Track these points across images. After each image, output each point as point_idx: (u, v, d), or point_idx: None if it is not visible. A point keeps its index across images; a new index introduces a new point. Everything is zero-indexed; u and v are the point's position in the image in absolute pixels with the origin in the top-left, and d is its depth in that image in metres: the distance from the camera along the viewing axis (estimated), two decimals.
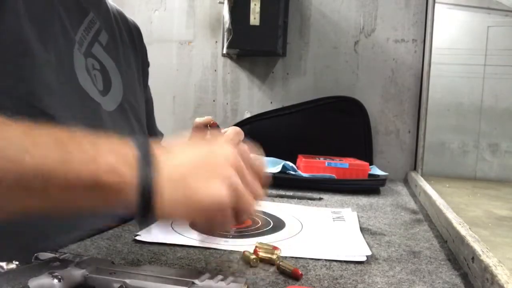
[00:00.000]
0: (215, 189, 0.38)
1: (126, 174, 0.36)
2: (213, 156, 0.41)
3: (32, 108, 0.52)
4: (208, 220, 0.40)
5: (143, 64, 0.84)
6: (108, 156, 0.37)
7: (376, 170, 1.15)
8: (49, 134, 0.36)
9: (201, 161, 0.40)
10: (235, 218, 0.40)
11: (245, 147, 0.48)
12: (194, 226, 0.51)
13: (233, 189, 0.39)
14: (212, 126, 0.62)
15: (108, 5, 0.74)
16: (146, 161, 0.38)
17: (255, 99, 1.41)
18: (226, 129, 0.59)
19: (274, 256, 0.49)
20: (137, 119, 0.75)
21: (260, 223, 0.67)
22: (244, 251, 0.51)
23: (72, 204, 0.38)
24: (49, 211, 0.37)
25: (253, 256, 0.49)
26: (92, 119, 0.62)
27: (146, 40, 0.84)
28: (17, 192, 0.35)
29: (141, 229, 0.55)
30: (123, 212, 0.40)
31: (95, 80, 0.65)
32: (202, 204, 0.38)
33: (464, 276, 0.49)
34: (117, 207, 0.38)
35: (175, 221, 0.43)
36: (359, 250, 0.54)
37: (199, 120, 0.72)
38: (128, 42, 0.78)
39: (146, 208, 0.37)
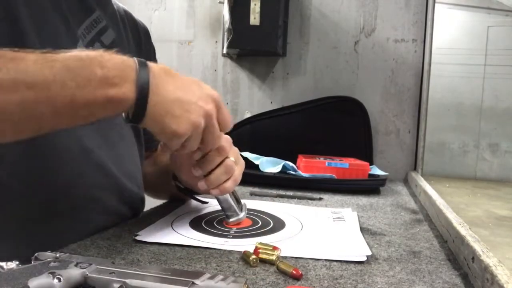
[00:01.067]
0: (181, 127, 0.49)
1: (127, 88, 0.46)
2: (198, 94, 0.53)
3: None
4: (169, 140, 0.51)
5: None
6: (114, 75, 0.46)
7: (376, 170, 1.15)
8: (62, 62, 0.44)
9: (186, 96, 0.51)
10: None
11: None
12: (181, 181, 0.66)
13: (195, 129, 0.51)
14: None
15: (115, 5, 0.74)
16: (143, 78, 0.47)
17: (255, 99, 1.41)
18: None
19: (274, 256, 0.49)
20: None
21: (260, 223, 0.67)
22: (244, 251, 0.51)
23: (89, 119, 0.47)
24: (74, 125, 0.49)
25: (253, 256, 0.49)
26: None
27: None
28: (48, 114, 0.44)
29: (127, 122, 0.53)
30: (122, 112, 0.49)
31: None
32: (169, 131, 0.49)
33: (464, 276, 0.49)
34: (120, 112, 0.48)
35: (156, 132, 0.51)
36: (359, 250, 0.54)
37: None
38: (133, 44, 0.78)
39: (138, 115, 0.48)
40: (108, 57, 0.47)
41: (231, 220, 0.64)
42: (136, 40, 0.79)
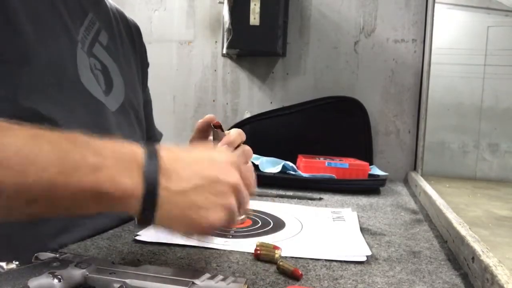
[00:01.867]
0: (214, 218, 0.40)
1: (128, 184, 0.37)
2: (217, 168, 0.42)
3: (32, 113, 0.52)
4: (201, 235, 0.46)
5: (142, 64, 0.84)
6: (111, 165, 0.37)
7: (376, 170, 1.15)
8: (51, 142, 0.36)
9: (205, 176, 0.41)
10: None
11: (247, 148, 0.49)
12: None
13: (230, 213, 0.41)
14: (215, 126, 0.61)
15: (108, 4, 0.74)
16: (153, 171, 0.38)
17: (255, 99, 1.41)
18: (228, 131, 0.59)
19: (275, 256, 0.49)
20: (138, 120, 0.75)
21: (260, 223, 0.67)
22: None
23: (76, 211, 0.39)
24: (53, 216, 0.39)
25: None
26: (96, 119, 0.62)
27: (146, 40, 0.84)
28: (21, 201, 0.36)
29: (138, 230, 0.56)
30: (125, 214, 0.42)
31: (98, 79, 0.65)
32: (200, 227, 0.40)
33: (464, 276, 0.49)
34: (120, 212, 0.39)
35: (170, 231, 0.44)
36: (359, 250, 0.54)
37: (201, 121, 0.69)
38: (128, 42, 0.77)
39: (147, 217, 0.38)
40: (109, 145, 0.39)
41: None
42: (130, 38, 0.79)
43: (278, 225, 0.66)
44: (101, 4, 0.71)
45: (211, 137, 0.61)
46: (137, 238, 0.56)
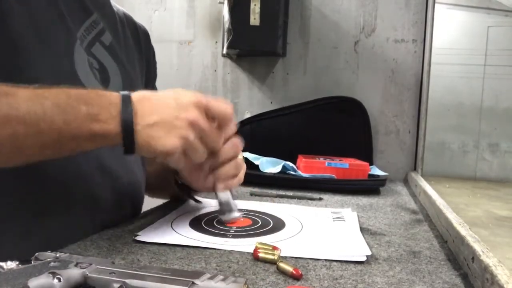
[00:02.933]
0: (170, 144, 0.51)
1: (111, 126, 0.49)
2: (179, 106, 0.53)
3: None
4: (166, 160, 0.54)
5: (149, 65, 0.85)
6: (98, 112, 0.49)
7: (376, 170, 1.15)
8: (50, 98, 0.47)
9: (167, 112, 0.52)
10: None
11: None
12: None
13: (186, 143, 0.52)
14: None
15: (114, 8, 0.75)
16: (127, 110, 0.50)
17: (255, 99, 1.41)
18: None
19: (274, 256, 0.49)
20: None
21: (260, 223, 0.67)
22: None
23: (77, 150, 0.51)
24: (59, 157, 0.51)
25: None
26: None
27: None
28: (35, 148, 0.48)
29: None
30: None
31: (96, 77, 0.65)
32: (159, 151, 0.51)
33: (464, 276, 0.49)
34: (110, 144, 0.51)
35: (152, 158, 0.55)
36: (359, 250, 0.54)
37: None
38: (133, 44, 0.78)
39: (129, 147, 0.51)
40: (93, 95, 0.50)
41: (226, 217, 0.63)
42: (136, 42, 0.80)
43: (278, 225, 0.66)
44: (106, 6, 0.72)
45: None
46: (137, 238, 0.56)
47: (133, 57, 0.78)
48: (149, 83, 0.87)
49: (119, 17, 0.76)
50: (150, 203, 0.78)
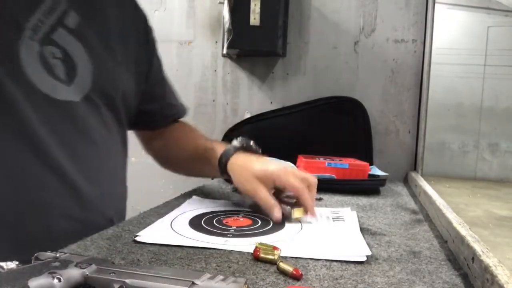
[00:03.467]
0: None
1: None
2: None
3: None
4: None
5: (147, 44, 0.83)
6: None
7: (376, 170, 1.15)
8: None
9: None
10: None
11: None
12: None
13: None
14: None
15: None
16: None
17: (255, 99, 1.41)
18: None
19: (274, 256, 0.49)
20: (112, 109, 0.70)
21: (259, 222, 0.67)
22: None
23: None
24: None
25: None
26: (38, 111, 0.58)
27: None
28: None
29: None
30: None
31: (55, 69, 0.60)
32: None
33: (464, 276, 0.49)
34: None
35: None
36: (359, 250, 0.54)
37: None
38: (113, 19, 0.70)
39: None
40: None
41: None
42: (123, 17, 0.74)
43: (277, 225, 0.66)
44: None
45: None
46: (137, 239, 0.56)
47: (112, 35, 0.70)
48: (148, 59, 0.84)
49: None
50: (150, 203, 0.78)
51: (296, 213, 0.68)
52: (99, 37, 0.67)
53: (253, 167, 0.70)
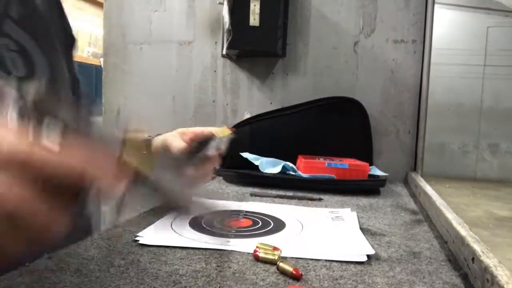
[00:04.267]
0: None
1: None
2: None
3: None
4: None
5: (66, 34, 0.71)
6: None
7: (376, 171, 1.15)
8: None
9: None
10: None
11: None
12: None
13: None
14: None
15: None
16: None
17: (255, 99, 1.41)
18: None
19: (275, 257, 0.49)
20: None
21: (260, 223, 0.67)
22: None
23: None
24: None
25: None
26: None
27: (145, 40, 0.84)
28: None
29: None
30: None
31: (13, 63, 0.55)
32: None
33: (464, 277, 0.49)
34: None
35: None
36: (361, 249, 0.54)
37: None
38: (43, 10, 0.64)
39: None
40: None
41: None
42: (48, 8, 0.66)
43: (278, 225, 0.66)
44: None
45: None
46: (137, 239, 0.56)
47: (48, 28, 0.64)
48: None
49: None
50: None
51: (220, 132, 0.69)
52: (42, 28, 0.62)
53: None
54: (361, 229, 0.65)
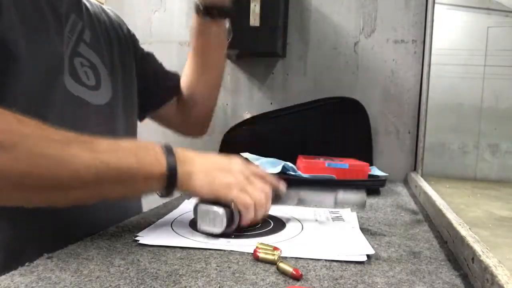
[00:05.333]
0: (228, 181, 0.59)
1: (158, 175, 0.55)
2: (228, 162, 0.62)
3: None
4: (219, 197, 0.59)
5: (135, 47, 0.89)
6: (148, 165, 0.55)
7: (376, 171, 1.15)
8: (105, 154, 0.52)
9: (220, 164, 0.61)
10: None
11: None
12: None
13: (240, 189, 0.59)
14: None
15: (87, 2, 0.77)
16: (171, 158, 0.56)
17: (255, 100, 1.41)
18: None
19: (274, 257, 0.49)
20: (128, 114, 0.79)
21: (260, 223, 0.67)
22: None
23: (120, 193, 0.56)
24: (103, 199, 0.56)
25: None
26: (76, 117, 0.65)
27: (145, 41, 0.86)
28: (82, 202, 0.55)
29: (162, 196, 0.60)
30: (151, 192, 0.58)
31: (87, 77, 0.68)
32: (219, 190, 0.58)
33: (464, 277, 0.49)
34: (149, 190, 0.57)
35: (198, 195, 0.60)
36: (361, 249, 0.54)
37: None
38: (111, 33, 0.80)
39: (169, 190, 0.57)
40: (138, 148, 0.56)
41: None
42: (114, 29, 0.82)
43: (278, 226, 0.66)
44: (80, 3, 0.73)
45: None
46: (137, 239, 0.56)
47: (114, 46, 0.79)
48: (137, 56, 0.90)
49: (94, 11, 0.78)
50: (150, 203, 0.78)
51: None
52: (106, 49, 0.76)
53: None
54: (361, 229, 0.65)
